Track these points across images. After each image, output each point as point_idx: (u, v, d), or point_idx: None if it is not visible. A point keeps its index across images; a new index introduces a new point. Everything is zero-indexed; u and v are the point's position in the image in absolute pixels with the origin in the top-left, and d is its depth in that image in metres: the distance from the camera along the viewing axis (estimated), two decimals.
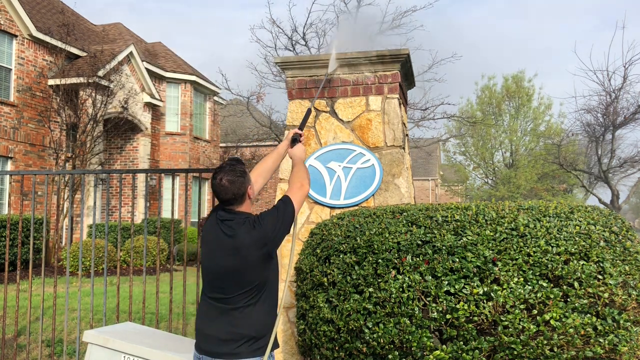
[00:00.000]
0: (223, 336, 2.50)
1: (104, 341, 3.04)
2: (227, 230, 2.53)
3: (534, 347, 2.71)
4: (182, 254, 15.71)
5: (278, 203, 2.66)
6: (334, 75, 4.42)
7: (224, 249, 2.52)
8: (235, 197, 2.55)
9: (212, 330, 2.54)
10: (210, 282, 2.59)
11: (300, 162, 2.99)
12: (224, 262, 2.52)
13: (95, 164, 14.99)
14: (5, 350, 4.81)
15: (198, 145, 20.87)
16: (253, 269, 2.51)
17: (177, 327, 6.58)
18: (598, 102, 16.95)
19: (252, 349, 2.49)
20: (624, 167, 17.50)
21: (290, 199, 2.66)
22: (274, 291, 2.63)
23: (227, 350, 2.48)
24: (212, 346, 2.52)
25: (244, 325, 2.50)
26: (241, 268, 2.49)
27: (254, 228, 2.51)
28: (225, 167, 2.58)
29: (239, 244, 2.49)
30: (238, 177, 2.55)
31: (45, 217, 4.38)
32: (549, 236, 2.86)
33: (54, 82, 15.16)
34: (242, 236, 2.49)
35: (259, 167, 3.00)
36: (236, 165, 2.59)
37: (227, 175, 2.54)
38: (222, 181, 2.54)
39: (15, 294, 7.50)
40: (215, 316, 2.55)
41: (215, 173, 2.58)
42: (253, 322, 2.51)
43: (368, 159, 4.26)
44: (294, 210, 2.64)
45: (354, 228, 3.29)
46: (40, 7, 16.80)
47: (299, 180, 2.79)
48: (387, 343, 2.93)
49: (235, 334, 2.49)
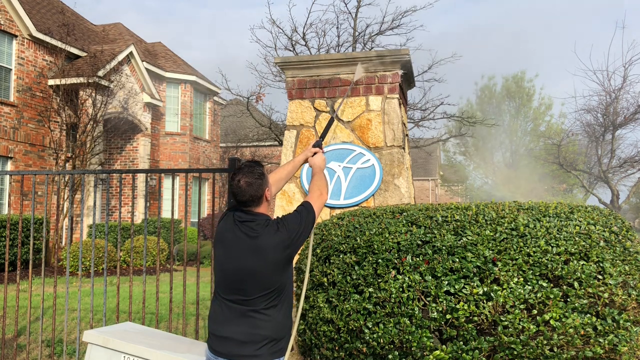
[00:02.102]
0: (243, 338, 2.50)
1: (104, 341, 3.04)
2: (249, 232, 2.54)
3: (534, 347, 2.71)
4: (182, 254, 15.70)
5: (299, 208, 2.68)
6: (334, 75, 4.42)
7: (246, 249, 2.53)
8: (253, 198, 2.57)
9: (230, 332, 2.53)
10: (229, 285, 2.58)
11: (320, 171, 3.02)
12: (245, 263, 2.52)
13: (95, 164, 14.99)
14: (5, 350, 4.81)
15: (198, 145, 20.87)
16: (275, 271, 2.52)
17: (177, 327, 6.58)
18: (598, 102, 16.96)
19: (272, 350, 2.51)
20: (624, 167, 17.49)
21: (312, 206, 2.70)
22: (290, 295, 2.65)
23: (247, 353, 2.48)
24: (231, 348, 2.51)
25: (265, 327, 2.50)
26: (263, 269, 2.50)
27: (278, 230, 2.53)
28: (244, 169, 2.59)
29: (263, 245, 2.50)
30: (256, 179, 2.56)
31: (45, 217, 4.38)
32: (549, 236, 2.85)
33: (54, 82, 15.16)
34: (266, 237, 2.51)
35: (274, 176, 3.02)
36: (255, 167, 2.60)
37: (245, 177, 2.56)
38: (240, 182, 2.55)
39: (15, 294, 7.50)
40: (233, 318, 2.55)
41: (234, 174, 2.59)
42: (274, 324, 2.52)
43: (368, 159, 4.26)
44: (315, 217, 2.68)
45: (353, 228, 3.29)
46: (40, 7, 16.80)
47: (318, 188, 2.83)
48: (387, 343, 2.93)
49: (256, 335, 2.49)
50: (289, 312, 2.62)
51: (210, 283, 4.11)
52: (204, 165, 21.02)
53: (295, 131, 4.50)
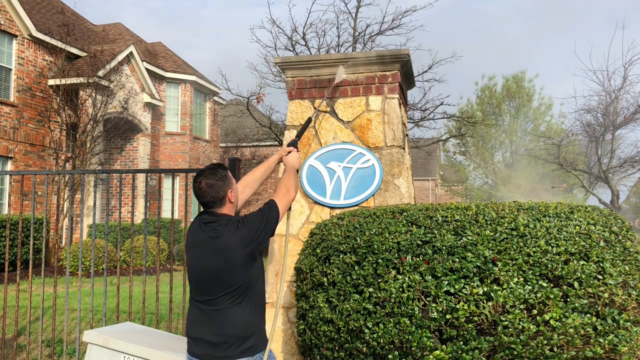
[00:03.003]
0: (212, 339, 2.53)
1: (104, 341, 3.04)
2: (211, 232, 2.58)
3: (534, 347, 2.71)
4: (182, 254, 15.70)
5: (264, 206, 2.71)
6: (334, 75, 4.42)
7: (208, 250, 2.56)
8: (215, 200, 2.61)
9: (201, 333, 2.57)
10: (196, 285, 2.63)
11: (291, 169, 3.05)
12: (208, 263, 2.55)
13: (95, 164, 14.99)
14: (5, 350, 4.80)
15: (198, 145, 20.87)
16: (237, 269, 2.54)
17: (177, 327, 6.58)
18: (598, 102, 16.95)
19: (241, 349, 2.52)
20: (624, 167, 17.48)
21: (276, 203, 2.72)
22: (260, 292, 2.67)
23: (219, 354, 2.51)
24: (204, 349, 2.55)
25: (230, 325, 2.53)
26: (225, 268, 2.53)
27: (237, 228, 2.55)
28: (206, 171, 2.65)
29: (223, 244, 2.53)
30: (217, 181, 2.61)
31: (45, 217, 4.38)
32: (549, 236, 2.86)
33: (54, 82, 15.16)
34: (226, 236, 2.54)
35: (247, 178, 3.07)
36: (217, 169, 2.65)
37: (206, 178, 2.61)
38: (201, 184, 2.61)
39: (15, 294, 7.50)
40: (202, 319, 2.58)
41: (197, 176, 2.65)
42: (238, 322, 2.54)
43: (368, 159, 4.26)
44: (279, 214, 2.70)
45: (353, 228, 3.29)
46: (40, 7, 16.80)
47: (285, 186, 2.85)
48: (387, 343, 2.93)
49: (223, 335, 2.52)
50: (259, 311, 2.64)
51: None
52: (204, 165, 20.97)
53: (295, 131, 4.51)
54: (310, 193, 4.29)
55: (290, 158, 3.14)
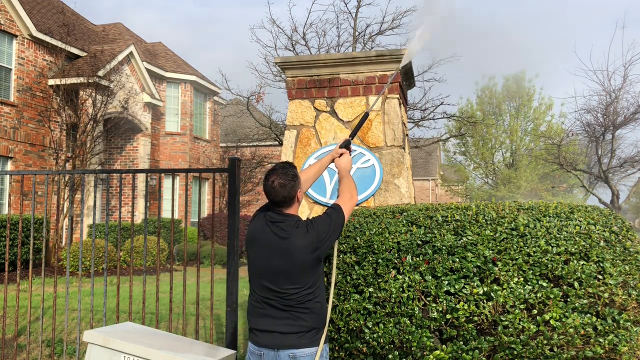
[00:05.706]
0: (285, 330, 2.59)
1: (104, 341, 3.04)
2: (280, 232, 2.62)
3: (534, 347, 2.71)
4: (182, 253, 15.70)
5: (329, 210, 2.74)
6: (334, 75, 4.42)
7: (276, 250, 2.61)
8: (286, 199, 2.64)
9: (271, 326, 2.61)
10: (262, 282, 2.66)
11: (347, 173, 3.07)
12: (276, 262, 2.60)
13: (95, 164, 14.98)
14: (5, 350, 4.80)
15: (198, 145, 20.87)
16: (304, 271, 2.60)
17: (177, 327, 6.58)
18: (598, 102, 16.94)
19: (315, 338, 2.61)
20: (624, 167, 17.46)
21: (342, 208, 2.75)
22: (324, 286, 2.76)
23: (290, 342, 2.57)
24: (274, 339, 2.60)
25: (305, 318, 2.60)
26: (292, 269, 2.58)
27: (307, 232, 2.59)
28: (278, 170, 2.66)
29: (291, 247, 2.58)
30: (289, 181, 2.63)
31: (45, 217, 4.38)
32: (549, 236, 2.86)
33: (54, 82, 15.16)
34: (294, 238, 2.58)
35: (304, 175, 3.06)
36: (289, 169, 2.67)
37: (279, 178, 2.63)
38: (274, 183, 2.63)
39: (15, 293, 7.50)
40: (272, 313, 2.63)
41: (268, 175, 2.67)
42: (312, 315, 2.62)
43: (368, 159, 4.26)
44: (344, 219, 2.74)
45: (354, 228, 3.29)
46: (40, 7, 16.80)
47: (349, 191, 2.89)
48: (387, 343, 2.93)
49: (297, 326, 2.59)
50: (325, 302, 2.74)
51: (211, 283, 4.11)
52: (204, 165, 21.02)
53: (295, 131, 4.51)
54: (310, 193, 4.29)
55: (343, 162, 3.14)
